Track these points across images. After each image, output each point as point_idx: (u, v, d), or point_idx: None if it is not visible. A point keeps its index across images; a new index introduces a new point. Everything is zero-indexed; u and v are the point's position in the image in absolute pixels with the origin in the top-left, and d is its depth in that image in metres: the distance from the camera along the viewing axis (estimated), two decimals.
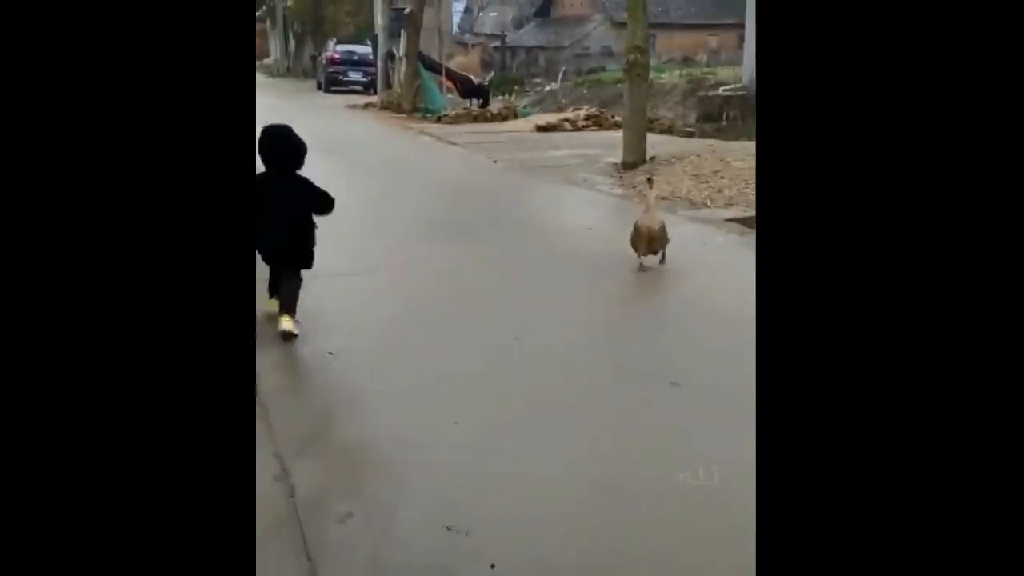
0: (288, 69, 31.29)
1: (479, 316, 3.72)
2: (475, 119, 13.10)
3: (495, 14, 42.07)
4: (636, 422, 2.66)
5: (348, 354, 3.16)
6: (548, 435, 2.53)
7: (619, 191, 7.03)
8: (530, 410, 2.71)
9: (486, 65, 29.01)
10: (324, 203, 3.37)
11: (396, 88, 16.05)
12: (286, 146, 3.30)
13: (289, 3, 30.07)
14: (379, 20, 16.40)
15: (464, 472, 2.29)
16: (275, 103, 12.55)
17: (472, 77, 16.37)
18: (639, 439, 2.53)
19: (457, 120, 12.96)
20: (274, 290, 3.39)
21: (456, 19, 38.70)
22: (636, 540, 2.00)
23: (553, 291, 4.08)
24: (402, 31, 15.13)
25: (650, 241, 4.24)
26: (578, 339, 3.43)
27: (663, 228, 4.26)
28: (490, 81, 19.31)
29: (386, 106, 15.96)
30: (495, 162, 8.75)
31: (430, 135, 11.36)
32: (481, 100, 15.75)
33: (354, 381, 2.96)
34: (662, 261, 4.39)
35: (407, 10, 14.76)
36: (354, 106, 16.60)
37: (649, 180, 4.75)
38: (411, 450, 2.41)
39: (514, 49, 35.69)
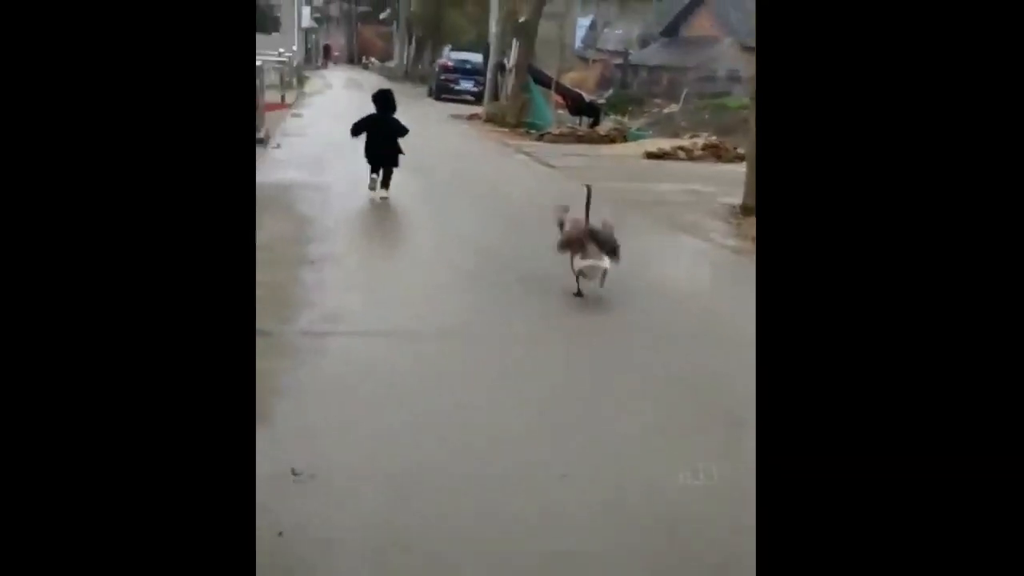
0: (406, 73, 31.41)
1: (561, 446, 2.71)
2: (580, 139, 12.10)
3: (620, 31, 41.12)
4: None
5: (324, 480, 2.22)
6: None
7: (734, 242, 5.82)
8: None
9: (605, 82, 27.96)
10: (403, 132, 6.64)
11: (503, 101, 15.29)
12: (387, 100, 6.85)
13: (413, 7, 30.18)
14: (493, 28, 15.68)
15: None
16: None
17: (584, 94, 15.37)
18: None
19: (560, 139, 11.99)
20: (376, 181, 6.44)
21: (580, 33, 38.10)
22: None
23: (660, 422, 2.74)
24: (514, 41, 14.35)
25: None
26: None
27: None
28: (605, 99, 18.23)
29: (490, 118, 15.23)
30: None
31: (527, 154, 10.45)
32: (591, 119, 14.74)
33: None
34: None
35: (521, 19, 13.96)
36: (458, 116, 15.98)
37: None
38: None
39: (636, 67, 34.52)
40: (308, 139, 10.77)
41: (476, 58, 21.47)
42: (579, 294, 4.05)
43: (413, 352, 3.31)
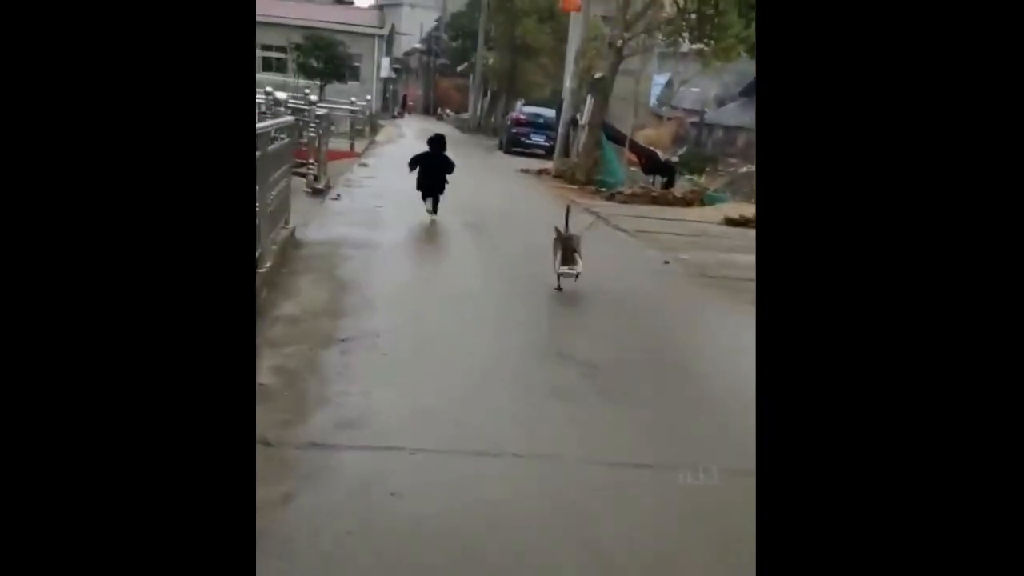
0: (479, 125, 31.55)
1: None
2: (654, 200, 11.34)
3: (697, 89, 40.58)
4: None
5: None
6: None
7: None
8: None
9: (679, 140, 27.30)
10: (451, 168, 7.99)
11: (574, 157, 14.75)
12: (440, 142, 8.06)
13: (490, 61, 30.39)
14: (568, 83, 15.27)
15: None
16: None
17: (659, 152, 14.67)
18: None
19: (632, 199, 11.28)
20: (428, 204, 7.86)
21: (655, 91, 37.73)
22: None
23: None
24: (588, 97, 13.86)
25: None
26: None
27: None
28: (679, 157, 17.50)
29: (560, 174, 14.68)
30: (667, 263, 6.93)
31: (597, 215, 9.75)
32: (665, 179, 14.02)
33: None
34: None
35: (597, 75, 13.48)
36: (527, 171, 15.50)
37: None
38: None
39: (712, 126, 33.77)
40: (369, 190, 10.40)
41: (548, 113, 21.17)
42: (559, 288, 5.34)
43: (451, 479, 2.57)
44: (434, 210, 7.85)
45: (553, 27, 25.66)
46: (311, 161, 8.93)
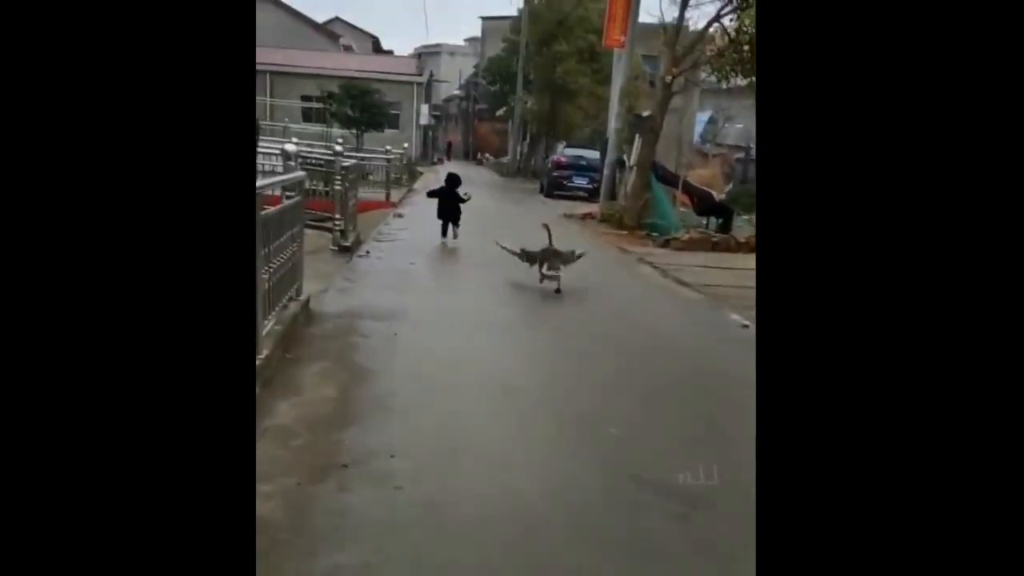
0: (519, 168, 30.94)
1: None
2: (714, 246, 10.27)
3: (741, 125, 39.55)
4: None
5: None
6: None
7: None
8: None
9: (726, 177, 26.19)
10: (464, 200, 9.53)
11: (621, 200, 13.79)
12: (455, 180, 9.56)
13: (529, 104, 29.86)
14: (612, 124, 14.39)
15: None
16: (484, 205, 10.61)
17: (713, 192, 13.60)
18: None
19: (690, 246, 10.22)
20: (446, 232, 9.45)
21: (698, 128, 36.78)
22: None
23: None
24: (636, 137, 12.94)
25: None
26: None
27: None
28: (725, 194, 16.33)
29: (606, 218, 13.73)
30: (746, 327, 5.85)
31: (653, 266, 8.73)
32: (720, 220, 12.92)
33: None
34: None
35: (646, 114, 12.58)
36: (570, 216, 14.59)
37: None
38: None
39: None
40: (402, 244, 9.58)
41: (591, 154, 20.33)
42: (541, 281, 6.71)
43: None
44: (453, 235, 9.47)
45: (594, 68, 25.01)
46: (337, 217, 8.15)
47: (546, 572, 2.30)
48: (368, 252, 8.51)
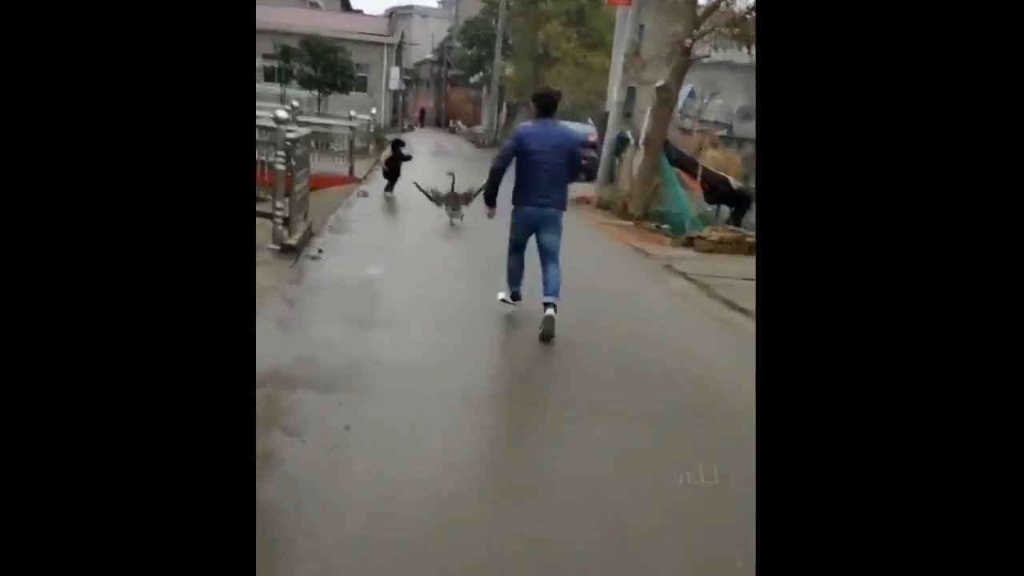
0: (495, 141, 28.84)
1: None
2: (751, 250, 8.33)
3: (720, 101, 37.99)
4: None
5: None
6: None
7: None
8: None
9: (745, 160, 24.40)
10: (408, 159, 10.71)
11: (625, 185, 11.93)
12: (399, 143, 10.93)
13: (508, 72, 27.67)
14: (614, 96, 12.43)
15: None
16: (458, 183, 8.60)
17: (730, 178, 11.77)
18: None
19: (722, 247, 8.35)
20: (390, 189, 10.48)
21: (679, 103, 35.12)
22: None
23: None
24: (649, 111, 11.02)
25: None
26: None
27: None
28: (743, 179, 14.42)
29: (605, 205, 11.88)
30: None
31: (687, 278, 6.84)
32: (733, 210, 11.13)
33: None
34: None
35: (660, 83, 10.66)
36: None
37: None
38: None
39: (740, 140, 31.01)
40: (366, 237, 7.62)
41: (580, 128, 18.37)
42: (451, 224, 8.26)
43: None
44: (390, 189, 10.30)
45: (581, 31, 22.85)
46: (279, 206, 6.13)
47: None
48: (320, 252, 6.53)
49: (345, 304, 4.98)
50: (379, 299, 5.20)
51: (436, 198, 8.74)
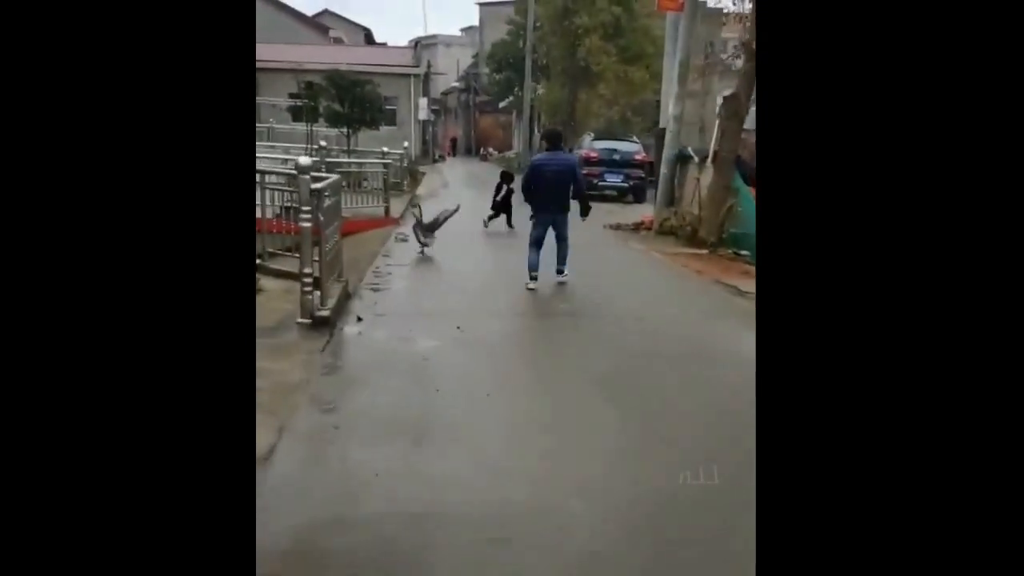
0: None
1: None
2: None
3: (755, 108, 36.55)
4: None
5: None
6: None
7: None
8: None
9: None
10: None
11: (688, 207, 10.68)
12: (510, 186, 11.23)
13: (539, 91, 26.64)
14: (671, 108, 11.18)
15: None
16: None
17: None
18: None
19: None
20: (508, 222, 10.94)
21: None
22: None
23: None
24: (717, 124, 9.80)
25: None
26: None
27: None
28: None
29: (668, 231, 10.65)
30: None
31: None
32: None
33: None
34: None
35: (727, 93, 9.45)
36: (617, 227, 11.49)
37: None
38: None
39: None
40: (412, 299, 6.51)
41: (628, 147, 17.17)
42: (422, 252, 8.41)
43: None
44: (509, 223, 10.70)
45: (620, 45, 21.70)
46: (307, 271, 5.05)
47: None
48: (360, 322, 5.43)
49: (388, 399, 3.84)
50: (432, 400, 4.02)
51: (418, 225, 8.76)
